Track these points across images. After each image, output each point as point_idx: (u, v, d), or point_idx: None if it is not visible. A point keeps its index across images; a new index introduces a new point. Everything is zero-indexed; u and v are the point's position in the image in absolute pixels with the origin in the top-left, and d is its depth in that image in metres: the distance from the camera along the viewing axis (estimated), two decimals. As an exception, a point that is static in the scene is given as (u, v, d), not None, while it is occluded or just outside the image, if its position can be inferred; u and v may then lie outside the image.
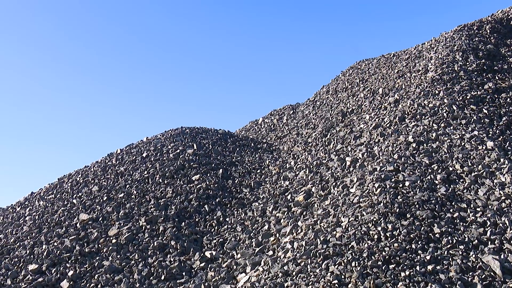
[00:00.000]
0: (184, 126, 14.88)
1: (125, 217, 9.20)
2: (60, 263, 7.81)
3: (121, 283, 6.94)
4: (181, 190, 9.99)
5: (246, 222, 8.43)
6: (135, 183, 10.80)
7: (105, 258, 7.79)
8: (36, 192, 12.85)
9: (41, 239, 8.99)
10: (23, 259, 8.22)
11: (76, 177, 12.55)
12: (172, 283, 6.81)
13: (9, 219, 11.17)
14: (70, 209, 10.24)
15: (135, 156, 12.62)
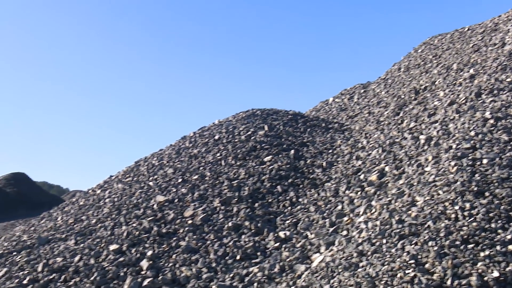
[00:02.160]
0: (254, 108, 14.94)
1: (199, 199, 9.37)
2: (139, 243, 8.06)
3: (197, 263, 7.08)
4: (254, 171, 10.07)
5: (319, 202, 8.41)
6: (208, 165, 10.97)
7: (181, 239, 7.97)
8: (115, 175, 13.28)
9: (120, 220, 9.30)
10: (104, 239, 8.54)
11: (151, 160, 12.87)
12: (247, 263, 6.90)
13: (90, 201, 11.60)
14: (147, 191, 10.53)
15: (208, 139, 12.79)
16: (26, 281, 7.65)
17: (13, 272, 8.28)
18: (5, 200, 41.82)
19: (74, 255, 8.15)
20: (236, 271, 6.68)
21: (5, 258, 9.33)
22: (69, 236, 9.37)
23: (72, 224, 10.11)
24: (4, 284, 7.83)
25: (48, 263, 8.08)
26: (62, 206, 12.84)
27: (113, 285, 6.86)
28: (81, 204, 11.71)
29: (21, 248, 9.66)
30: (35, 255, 8.83)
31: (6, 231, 24.05)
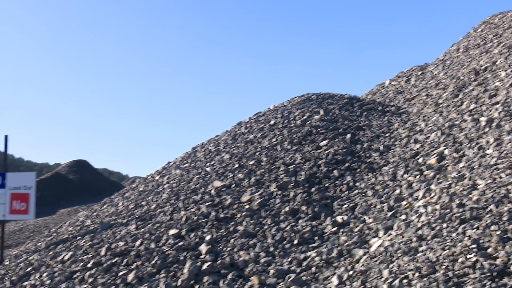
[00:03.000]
0: (310, 93, 14.86)
1: (256, 184, 9.43)
2: (198, 228, 8.19)
3: (255, 247, 7.14)
4: (310, 156, 10.04)
5: (377, 187, 8.32)
6: (264, 150, 11.00)
7: (239, 223, 8.05)
8: (173, 162, 13.51)
9: (179, 205, 9.46)
10: (164, 224, 8.71)
11: (208, 146, 13.02)
12: (304, 247, 6.91)
13: (149, 187, 11.84)
14: (204, 177, 10.66)
15: (263, 124, 12.82)
16: (90, 264, 7.90)
17: (78, 255, 8.56)
18: (69, 187, 43.20)
19: (135, 240, 8.35)
20: (294, 256, 6.70)
21: (70, 242, 9.66)
22: (130, 221, 9.60)
23: (133, 210, 10.36)
24: (69, 267, 8.12)
25: (110, 247, 8.31)
26: (122, 192, 13.16)
27: (174, 269, 6.99)
28: (141, 190, 11.97)
29: (84, 233, 9.98)
30: (98, 239, 9.10)
31: (70, 216, 24.92)
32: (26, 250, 10.95)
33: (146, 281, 6.83)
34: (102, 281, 7.14)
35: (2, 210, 11.12)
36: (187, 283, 6.52)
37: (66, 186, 43.03)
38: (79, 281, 7.46)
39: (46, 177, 45.01)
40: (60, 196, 39.37)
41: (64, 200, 38.19)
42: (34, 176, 11.39)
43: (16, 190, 11.11)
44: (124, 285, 6.86)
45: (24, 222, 27.87)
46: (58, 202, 37.25)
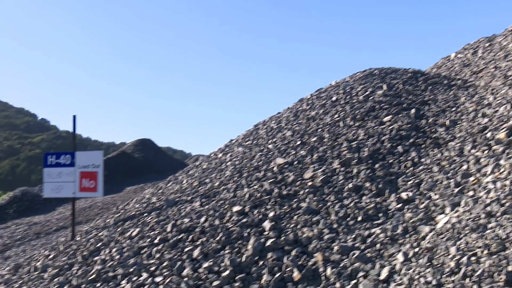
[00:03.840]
0: (372, 68, 14.63)
1: (319, 160, 9.40)
2: (261, 205, 8.25)
3: (319, 224, 7.14)
4: (373, 132, 9.90)
5: (443, 162, 8.13)
6: (326, 127, 10.93)
7: (302, 200, 8.06)
8: (235, 139, 13.63)
9: (242, 182, 9.55)
10: (227, 201, 8.83)
11: (270, 124, 13.05)
12: (369, 224, 6.86)
13: (212, 165, 12.01)
14: (267, 154, 10.71)
15: (325, 100, 12.73)
16: (157, 240, 8.12)
17: (145, 232, 8.81)
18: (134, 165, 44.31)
19: (200, 216, 8.51)
20: (358, 232, 6.66)
21: (137, 219, 9.94)
22: (194, 198, 9.78)
23: (197, 187, 10.54)
24: (137, 243, 8.36)
25: (176, 223, 8.50)
26: (186, 170, 13.40)
27: (238, 245, 7.08)
28: (204, 167, 12.15)
29: (151, 210, 10.24)
30: (164, 216, 9.33)
31: (136, 194, 25.60)
32: (95, 226, 11.35)
33: (211, 257, 6.96)
34: (169, 256, 7.33)
35: (72, 188, 11.53)
36: (251, 259, 6.61)
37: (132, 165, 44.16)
38: (147, 256, 7.68)
39: (113, 156, 46.34)
40: (126, 174, 40.46)
41: (130, 178, 39.25)
42: (101, 155, 11.72)
43: (85, 168, 11.48)
44: (190, 260, 7.02)
45: (93, 200, 28.86)
46: (124, 180, 38.31)
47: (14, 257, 17.78)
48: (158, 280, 6.71)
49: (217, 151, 13.48)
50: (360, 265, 5.83)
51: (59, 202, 31.59)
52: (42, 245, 18.63)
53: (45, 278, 8.32)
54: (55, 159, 11.86)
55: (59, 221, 25.07)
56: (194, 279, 6.46)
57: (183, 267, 6.86)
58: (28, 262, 10.25)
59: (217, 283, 6.23)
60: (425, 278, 4.98)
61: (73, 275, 7.92)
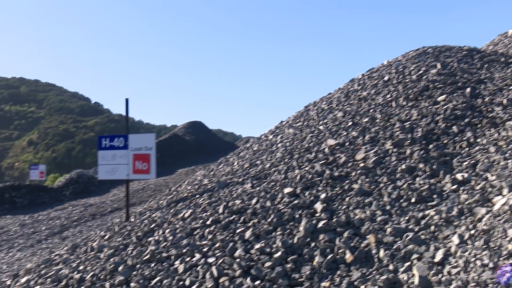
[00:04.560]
0: (425, 46, 14.30)
1: (371, 141, 9.30)
2: (312, 186, 8.24)
3: (371, 206, 7.08)
4: (427, 112, 9.71)
5: (500, 143, 7.91)
6: (378, 107, 10.79)
7: (354, 182, 8.00)
8: (285, 121, 13.62)
9: (293, 164, 9.56)
10: (279, 183, 8.85)
11: (321, 104, 12.97)
12: (423, 206, 6.76)
13: (263, 146, 12.04)
14: (318, 135, 10.67)
15: (377, 80, 12.55)
16: (209, 221, 8.23)
17: (197, 213, 8.94)
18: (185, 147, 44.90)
19: (251, 198, 8.57)
20: (412, 214, 6.58)
21: (189, 201, 10.09)
22: (245, 180, 9.85)
23: (248, 169, 10.60)
24: (190, 224, 8.50)
25: (228, 205, 8.59)
26: (237, 152, 13.49)
27: (289, 227, 7.11)
28: (255, 149, 12.20)
29: (203, 191, 10.38)
30: (215, 197, 9.44)
31: (188, 176, 25.96)
32: (149, 207, 11.59)
33: (263, 238, 7.02)
34: (221, 237, 7.42)
35: (126, 170, 11.78)
36: (303, 240, 6.63)
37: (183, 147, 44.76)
38: (199, 237, 7.80)
39: (164, 139, 47.08)
40: (178, 157, 41.06)
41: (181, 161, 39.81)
42: (154, 137, 11.90)
43: (137, 151, 11.70)
44: (242, 242, 7.09)
45: (145, 182, 29.44)
46: (176, 162, 38.89)
47: (72, 238, 18.38)
48: (211, 261, 6.81)
49: (267, 133, 13.50)
50: (414, 247, 5.77)
51: (113, 184, 32.38)
52: (97, 226, 19.19)
53: (101, 258, 8.56)
54: (109, 142, 12.12)
55: (113, 202, 25.72)
56: (246, 260, 6.53)
57: (235, 248, 6.94)
58: (85, 243, 10.56)
59: (269, 264, 6.28)
60: (482, 260, 4.89)
61: (128, 255, 8.12)
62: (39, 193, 32.33)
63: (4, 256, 17.86)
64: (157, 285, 6.72)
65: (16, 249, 18.80)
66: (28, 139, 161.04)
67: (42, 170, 39.00)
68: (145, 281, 6.97)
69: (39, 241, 19.63)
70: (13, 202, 30.34)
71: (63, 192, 32.98)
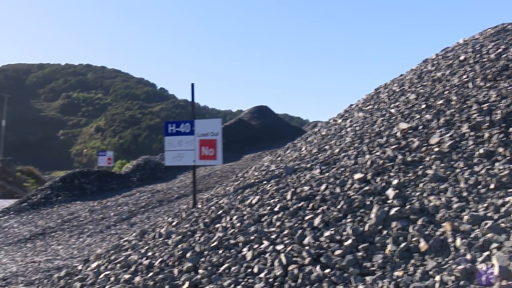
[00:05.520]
0: (505, 23, 13.79)
1: (446, 125, 9.08)
2: (383, 172, 8.13)
3: (446, 192, 6.92)
4: (507, 93, 9.37)
5: None
6: (454, 89, 10.50)
7: (428, 167, 7.84)
8: (355, 104, 13.48)
9: (363, 149, 9.46)
10: (348, 168, 8.79)
11: (392, 87, 12.75)
12: (502, 192, 6.55)
13: (332, 131, 11.97)
14: (389, 119, 10.50)
15: (452, 60, 12.20)
16: (277, 208, 8.27)
17: (265, 199, 9.00)
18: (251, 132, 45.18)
19: (320, 184, 8.55)
20: (490, 201, 6.39)
21: (256, 187, 10.18)
22: (314, 165, 9.83)
23: (316, 154, 10.58)
24: (257, 211, 8.58)
25: (296, 191, 8.61)
26: (305, 137, 13.47)
27: (360, 214, 7.05)
28: (323, 134, 12.15)
29: (270, 177, 10.43)
30: (283, 184, 9.47)
31: (254, 162, 26.16)
32: (216, 194, 11.76)
33: (332, 225, 7.00)
34: (289, 224, 7.45)
35: (192, 156, 11.99)
36: (375, 228, 6.56)
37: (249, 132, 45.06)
38: (267, 224, 7.86)
39: (230, 124, 47.53)
40: (244, 142, 41.38)
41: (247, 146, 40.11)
42: (220, 123, 12.03)
43: (204, 136, 11.86)
44: (311, 229, 7.09)
45: (212, 168, 29.85)
46: (242, 148, 39.23)
47: (139, 224, 18.91)
48: (279, 248, 6.85)
49: (336, 117, 13.41)
50: (493, 236, 5.61)
51: (179, 170, 33.02)
52: (165, 212, 19.67)
53: (169, 244, 8.77)
54: (175, 127, 12.35)
55: (180, 189, 26.26)
56: (316, 247, 6.53)
57: (304, 236, 6.95)
58: (153, 229, 10.84)
59: (339, 252, 6.26)
60: None
61: (195, 242, 8.28)
62: (107, 179, 33.40)
63: (74, 241, 18.61)
64: (225, 272, 6.83)
65: (86, 234, 19.55)
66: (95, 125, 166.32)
67: (110, 156, 40.24)
68: (213, 267, 7.10)
69: (108, 226, 20.33)
70: (83, 188, 31.49)
71: (130, 178, 33.94)
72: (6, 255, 17.33)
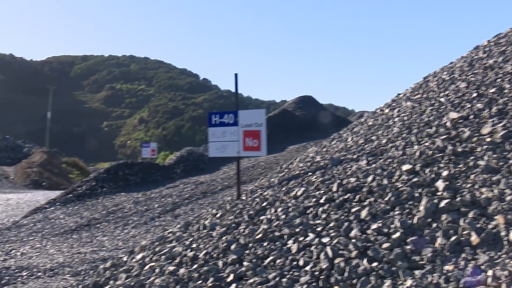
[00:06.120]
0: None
1: (498, 114, 8.88)
2: (433, 163, 8.01)
3: (499, 184, 6.78)
4: None
5: None
6: (507, 76, 10.25)
7: (479, 158, 7.69)
8: (403, 93, 13.31)
9: (411, 139, 9.34)
10: (396, 159, 8.69)
11: (441, 75, 12.53)
12: (559, 184, 6.38)
13: (378, 121, 11.86)
14: (438, 108, 10.33)
15: (505, 47, 11.91)
16: (323, 200, 8.25)
17: (310, 191, 8.99)
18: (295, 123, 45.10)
19: (366, 176, 8.49)
20: (546, 193, 6.24)
21: (301, 178, 10.17)
22: (360, 156, 9.76)
23: (363, 145, 10.50)
24: (302, 203, 8.58)
25: (342, 183, 8.57)
26: (351, 127, 13.38)
27: (408, 206, 6.98)
28: (370, 124, 12.04)
29: (315, 169, 10.41)
30: (329, 175, 9.44)
31: (299, 153, 26.14)
32: (260, 185, 11.80)
33: (379, 218, 6.95)
34: (335, 217, 7.43)
35: (236, 147, 12.04)
36: (424, 221, 6.48)
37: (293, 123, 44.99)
38: (313, 216, 7.85)
39: (274, 115, 47.53)
40: (288, 133, 41.35)
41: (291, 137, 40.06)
42: (264, 113, 12.03)
43: (247, 127, 11.89)
44: (357, 221, 7.06)
45: (255, 159, 29.94)
46: (286, 138, 39.20)
47: (183, 215, 19.15)
48: (325, 241, 6.84)
49: (383, 107, 13.27)
50: (549, 229, 5.48)
51: (223, 161, 33.25)
52: (208, 204, 19.85)
53: (214, 236, 8.86)
54: (218, 118, 12.42)
55: (223, 180, 26.44)
56: (363, 240, 6.50)
57: (350, 228, 6.92)
58: (197, 220, 10.96)
59: (387, 245, 6.21)
60: None
61: (240, 234, 8.34)
62: (151, 170, 33.89)
63: (119, 232, 18.98)
64: (270, 265, 6.86)
65: (130, 226, 19.91)
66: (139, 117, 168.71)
67: (153, 148, 40.83)
68: (258, 260, 7.15)
69: (152, 218, 20.66)
70: (127, 180, 32.04)
71: (174, 169, 34.35)
72: (53, 246, 17.81)
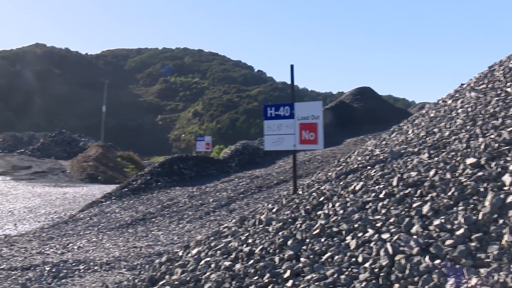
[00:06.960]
0: None
1: None
2: (499, 156, 7.81)
3: None
4: None
5: None
6: None
7: (550, 151, 7.46)
8: (466, 83, 13.01)
9: (476, 131, 9.13)
10: (459, 152, 8.51)
11: (508, 64, 12.19)
12: None
13: (441, 113, 11.63)
14: (505, 99, 10.06)
15: None
16: (382, 195, 8.16)
17: (369, 186, 8.91)
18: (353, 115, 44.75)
19: (428, 169, 8.35)
20: None
21: (360, 172, 10.09)
22: (421, 149, 9.61)
23: (424, 137, 10.32)
24: (361, 198, 8.50)
25: (402, 177, 8.45)
26: (411, 119, 13.18)
27: (473, 201, 6.83)
28: (432, 116, 11.83)
29: (374, 162, 10.31)
30: (388, 169, 9.32)
31: (357, 146, 25.93)
32: (317, 180, 11.77)
33: (442, 213, 6.82)
34: (396, 212, 7.34)
35: (292, 140, 12.01)
36: (489, 217, 6.33)
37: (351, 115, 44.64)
38: (372, 211, 7.78)
39: (331, 107, 47.27)
40: (345, 125, 41.04)
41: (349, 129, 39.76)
42: (321, 105, 11.96)
43: (304, 120, 11.84)
44: (419, 217, 6.95)
45: (312, 153, 29.86)
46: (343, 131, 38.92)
47: (239, 210, 19.29)
48: (385, 237, 6.77)
49: (445, 98, 13.00)
50: None
51: (278, 155, 33.28)
52: (264, 198, 19.92)
53: (270, 232, 8.88)
54: (274, 111, 12.41)
55: (279, 174, 26.47)
56: (425, 237, 6.40)
57: (411, 224, 6.83)
58: (253, 215, 11.01)
59: (450, 242, 6.10)
60: None
61: (297, 229, 8.34)
62: (206, 164, 34.21)
63: (174, 227, 19.27)
64: (327, 261, 6.84)
65: (185, 220, 20.18)
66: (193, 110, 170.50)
67: (208, 141, 41.21)
68: (315, 256, 7.13)
69: (207, 213, 20.88)
70: (181, 174, 32.45)
71: (228, 163, 34.58)
72: (109, 240, 18.24)
